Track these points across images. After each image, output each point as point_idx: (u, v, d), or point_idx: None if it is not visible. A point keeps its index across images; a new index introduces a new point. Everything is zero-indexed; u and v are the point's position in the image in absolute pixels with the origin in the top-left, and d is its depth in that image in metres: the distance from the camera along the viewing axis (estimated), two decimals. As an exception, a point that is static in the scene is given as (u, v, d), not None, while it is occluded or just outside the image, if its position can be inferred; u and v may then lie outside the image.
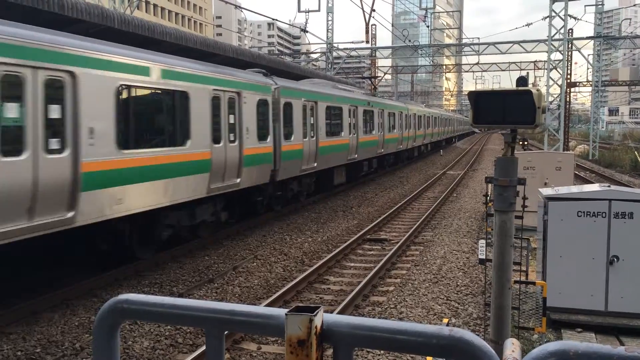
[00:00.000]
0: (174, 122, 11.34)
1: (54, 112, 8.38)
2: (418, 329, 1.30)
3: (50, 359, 7.07)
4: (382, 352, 7.38)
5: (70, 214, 8.59)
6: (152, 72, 10.51)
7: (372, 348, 1.39)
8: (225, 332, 1.53)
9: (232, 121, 13.42)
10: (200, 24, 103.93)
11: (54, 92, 8.35)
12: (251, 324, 1.44)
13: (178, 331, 7.98)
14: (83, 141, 8.75)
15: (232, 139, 13.37)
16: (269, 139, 15.26)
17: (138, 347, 7.45)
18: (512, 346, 1.79)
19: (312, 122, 18.56)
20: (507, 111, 4.46)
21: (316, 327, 1.34)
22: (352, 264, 12.07)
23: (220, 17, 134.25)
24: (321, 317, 1.36)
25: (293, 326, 1.34)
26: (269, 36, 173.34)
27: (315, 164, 18.82)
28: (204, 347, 7.05)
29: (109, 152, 9.35)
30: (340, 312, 8.42)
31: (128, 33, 13.69)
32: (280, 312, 1.41)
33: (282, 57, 56.36)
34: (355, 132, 23.18)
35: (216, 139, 12.66)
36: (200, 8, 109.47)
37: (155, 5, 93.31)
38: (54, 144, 8.34)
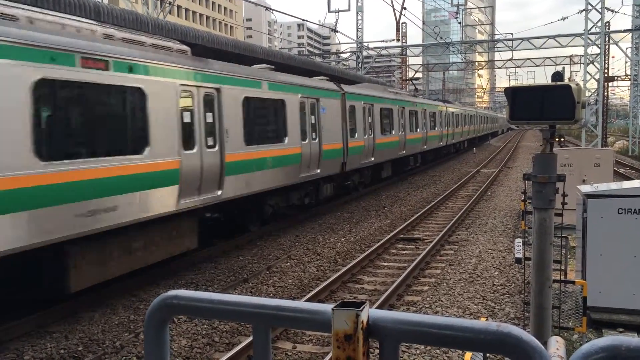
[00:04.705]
0: (277, 123, 13.90)
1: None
2: (465, 325, 1.30)
3: (91, 357, 7.25)
4: (419, 347, 7.33)
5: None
6: (263, 85, 13.18)
7: (418, 343, 1.39)
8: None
9: (313, 121, 15.86)
10: (231, 26, 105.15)
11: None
12: (298, 319, 1.46)
13: (214, 330, 8.09)
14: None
15: (314, 137, 15.93)
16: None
17: (176, 345, 7.58)
18: (556, 344, 1.76)
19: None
20: (546, 107, 4.38)
21: (362, 322, 1.35)
22: (386, 264, 12.02)
23: (250, 20, 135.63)
24: (367, 312, 1.37)
25: (340, 321, 1.35)
26: (299, 37, 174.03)
27: None
28: (240, 346, 7.13)
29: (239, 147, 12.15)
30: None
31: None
32: (327, 307, 1.43)
33: (312, 57, 56.44)
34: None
35: (303, 137, 15.19)
36: (230, 11, 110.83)
37: (187, 10, 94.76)
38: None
